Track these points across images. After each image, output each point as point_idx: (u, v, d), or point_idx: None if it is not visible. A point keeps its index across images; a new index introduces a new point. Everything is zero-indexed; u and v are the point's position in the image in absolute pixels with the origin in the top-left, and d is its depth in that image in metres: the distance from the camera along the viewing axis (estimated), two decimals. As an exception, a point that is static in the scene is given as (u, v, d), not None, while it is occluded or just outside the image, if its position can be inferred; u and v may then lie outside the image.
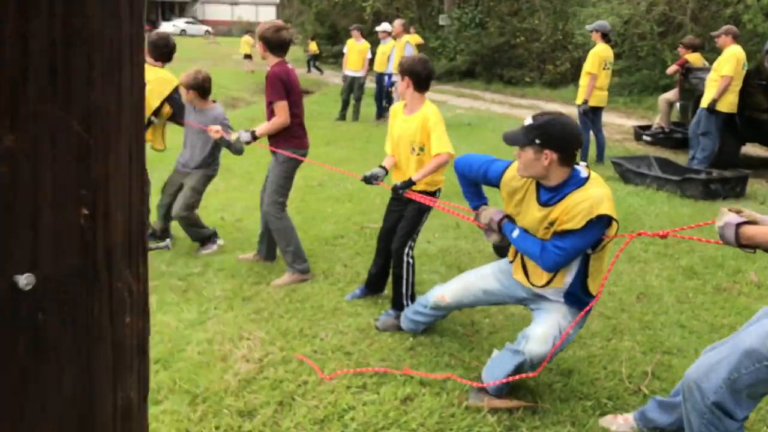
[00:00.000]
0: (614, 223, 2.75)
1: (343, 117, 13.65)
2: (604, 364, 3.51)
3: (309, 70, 25.81)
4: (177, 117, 5.12)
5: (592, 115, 8.36)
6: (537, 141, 2.72)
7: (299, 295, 4.32)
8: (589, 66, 8.14)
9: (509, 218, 3.05)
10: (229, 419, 2.95)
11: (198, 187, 5.11)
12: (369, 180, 3.88)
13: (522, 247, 2.95)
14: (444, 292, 3.40)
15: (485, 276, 3.29)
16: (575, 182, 2.79)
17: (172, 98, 5.01)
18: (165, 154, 5.45)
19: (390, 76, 12.43)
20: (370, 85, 13.95)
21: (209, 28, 49.38)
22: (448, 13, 22.53)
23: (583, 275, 2.89)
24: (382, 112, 13.47)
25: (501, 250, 3.32)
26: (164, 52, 5.07)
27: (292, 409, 3.04)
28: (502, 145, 2.99)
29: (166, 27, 49.41)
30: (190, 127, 5.09)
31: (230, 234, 5.68)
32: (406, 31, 12.12)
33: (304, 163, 8.43)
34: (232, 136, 4.64)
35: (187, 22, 51.09)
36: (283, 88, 4.30)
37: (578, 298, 2.92)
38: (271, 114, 4.40)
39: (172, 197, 5.23)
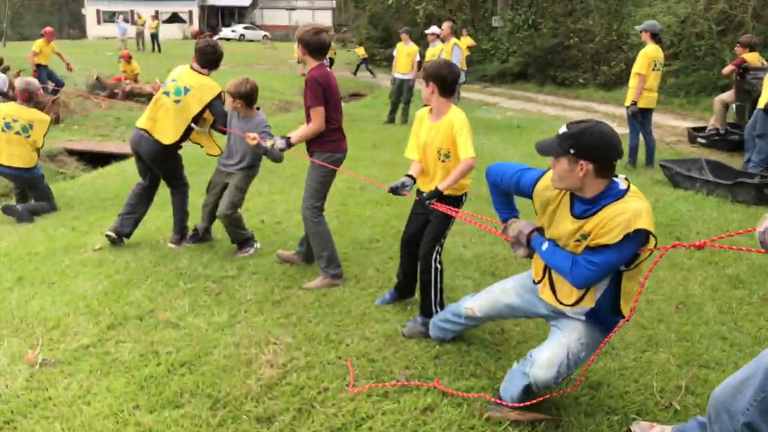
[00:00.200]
0: (652, 239, 2.55)
1: (392, 120, 13.67)
2: (636, 377, 3.39)
3: (355, 73, 25.97)
4: (218, 124, 5.19)
5: (641, 117, 8.13)
6: (572, 151, 2.56)
7: (329, 300, 4.32)
8: (638, 67, 7.91)
9: (539, 231, 2.92)
10: (247, 425, 2.96)
11: (241, 186, 5.20)
12: (396, 190, 3.79)
13: (551, 262, 2.79)
14: (473, 305, 3.33)
15: (507, 291, 3.19)
16: (613, 194, 2.60)
17: (213, 105, 5.09)
18: (209, 156, 5.55)
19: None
20: (420, 87, 13.89)
21: (267, 33, 50.03)
22: (501, 15, 22.31)
23: (613, 294, 2.73)
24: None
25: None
26: (211, 59, 5.15)
27: (311, 417, 3.03)
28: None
29: (225, 32, 50.44)
30: (232, 139, 5.18)
31: (268, 237, 5.72)
32: (455, 33, 12.01)
33: (347, 166, 8.47)
34: (268, 143, 4.67)
35: (246, 27, 51.89)
36: (322, 92, 4.26)
37: (602, 317, 2.78)
38: (309, 118, 4.40)
39: (216, 197, 5.34)
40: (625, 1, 18.90)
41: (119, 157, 10.60)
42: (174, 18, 52.45)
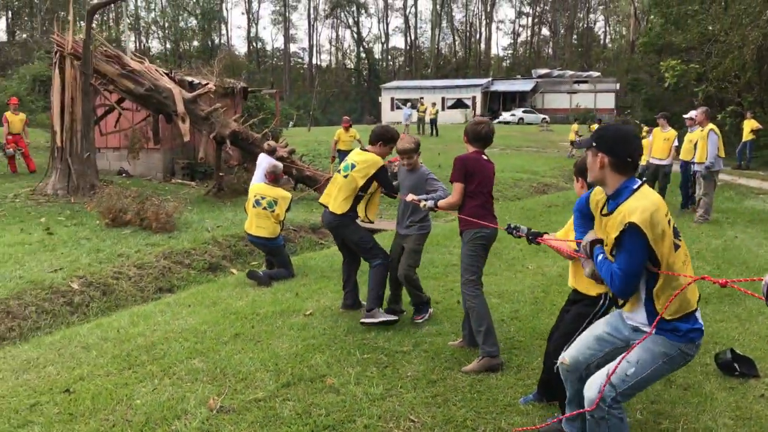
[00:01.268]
0: (646, 233, 2.69)
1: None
2: None
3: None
4: (387, 190, 5.84)
5: None
6: (594, 144, 2.95)
7: (482, 385, 4.36)
8: None
9: (601, 243, 3.06)
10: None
11: (415, 248, 5.67)
12: (510, 229, 4.07)
13: (601, 274, 2.99)
14: (564, 355, 3.33)
15: (597, 324, 3.27)
16: (626, 193, 2.86)
17: (378, 176, 5.71)
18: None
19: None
20: (676, 170, 13.14)
21: (546, 117, 50.65)
22: (796, 95, 20.12)
23: (647, 292, 2.86)
24: (687, 202, 12.58)
25: None
26: (377, 135, 5.85)
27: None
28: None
29: (505, 116, 52.23)
30: (401, 193, 5.71)
31: (457, 317, 5.89)
32: (709, 118, 11.24)
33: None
34: (421, 203, 5.14)
35: (525, 111, 53.16)
36: (463, 171, 4.68)
37: (661, 323, 2.81)
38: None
39: (394, 261, 5.84)
40: None
41: (373, 231, 11.54)
42: (458, 104, 55.72)
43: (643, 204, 2.74)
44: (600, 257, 2.99)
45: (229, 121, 14.43)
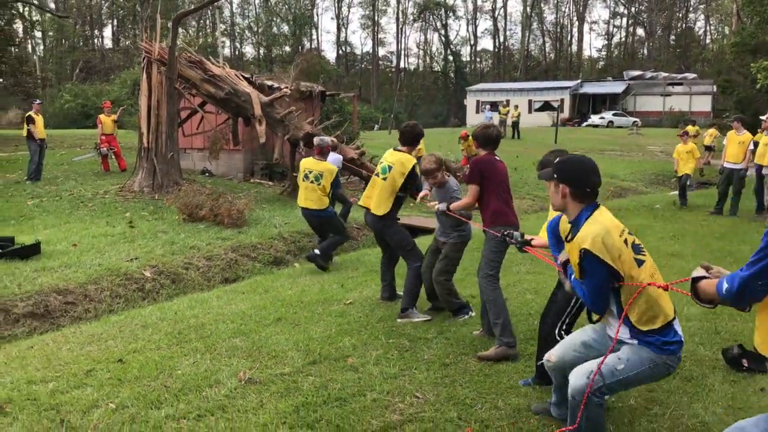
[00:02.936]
0: (597, 257, 2.92)
1: (719, 211, 12.73)
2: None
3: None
4: (413, 188, 6.06)
5: None
6: (555, 176, 3.20)
7: (491, 370, 4.60)
8: None
9: (569, 264, 3.29)
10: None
11: (450, 254, 5.74)
12: (503, 234, 4.33)
13: (577, 292, 3.24)
14: (551, 352, 3.51)
15: (585, 330, 3.43)
16: (583, 221, 3.09)
17: (411, 175, 5.97)
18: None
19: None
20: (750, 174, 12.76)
21: (637, 120, 49.24)
22: None
23: (617, 305, 3.08)
24: (762, 207, 12.22)
25: None
26: (408, 137, 6.10)
27: (397, 458, 3.43)
28: None
29: (593, 119, 51.10)
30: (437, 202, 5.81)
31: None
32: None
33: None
34: (437, 207, 5.47)
35: (615, 114, 51.81)
36: (478, 174, 4.87)
37: (641, 335, 3.02)
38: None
39: (429, 261, 6.00)
40: None
41: (424, 231, 11.78)
42: (545, 107, 54.90)
43: (593, 230, 2.98)
44: (572, 277, 3.25)
45: (303, 123, 15.02)
